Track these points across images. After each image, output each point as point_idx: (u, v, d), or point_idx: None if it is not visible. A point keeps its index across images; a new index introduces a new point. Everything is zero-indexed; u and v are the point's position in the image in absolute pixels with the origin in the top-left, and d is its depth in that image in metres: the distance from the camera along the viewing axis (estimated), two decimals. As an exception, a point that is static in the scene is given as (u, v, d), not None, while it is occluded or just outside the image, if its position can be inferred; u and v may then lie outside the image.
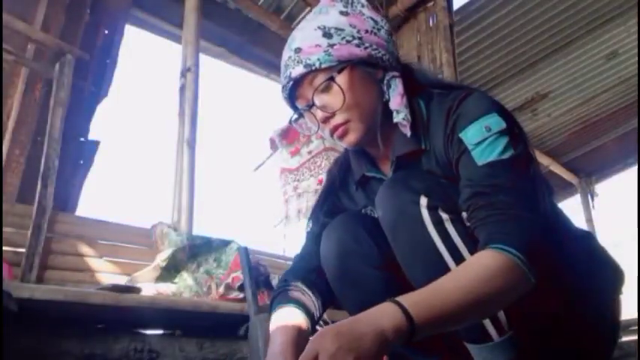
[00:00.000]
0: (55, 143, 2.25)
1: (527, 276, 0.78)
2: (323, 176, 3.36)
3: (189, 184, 2.58)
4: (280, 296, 1.04)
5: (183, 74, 2.82)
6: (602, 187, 7.00)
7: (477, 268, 0.78)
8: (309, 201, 3.39)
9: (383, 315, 0.70)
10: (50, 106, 2.33)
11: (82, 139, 2.85)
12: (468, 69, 4.66)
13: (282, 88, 1.01)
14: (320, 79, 0.95)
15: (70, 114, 2.49)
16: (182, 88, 2.80)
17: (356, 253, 1.00)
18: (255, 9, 3.71)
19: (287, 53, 0.99)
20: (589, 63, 4.83)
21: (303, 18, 4.00)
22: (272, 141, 3.79)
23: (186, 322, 1.74)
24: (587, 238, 1.04)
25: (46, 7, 2.73)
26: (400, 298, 0.72)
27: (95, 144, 2.89)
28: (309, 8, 3.92)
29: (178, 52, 2.95)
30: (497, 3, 4.02)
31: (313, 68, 0.95)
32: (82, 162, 2.83)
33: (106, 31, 3.06)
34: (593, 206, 6.85)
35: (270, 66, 4.33)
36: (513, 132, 0.89)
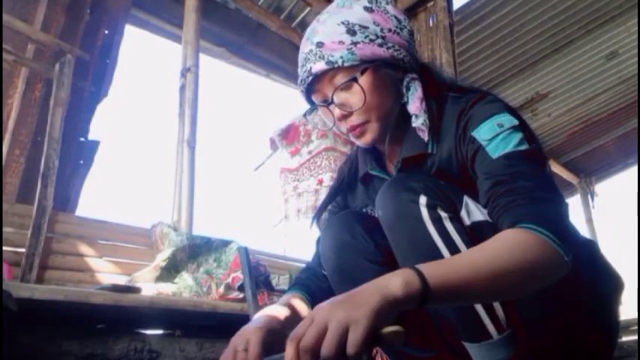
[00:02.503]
0: (55, 143, 2.25)
1: (560, 254, 0.74)
2: (323, 176, 3.36)
3: (189, 184, 2.58)
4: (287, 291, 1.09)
5: (183, 74, 2.82)
6: (602, 187, 7.02)
7: (505, 242, 0.74)
8: (309, 201, 3.40)
9: (393, 276, 0.65)
10: (50, 106, 2.34)
11: (82, 139, 2.86)
12: (468, 69, 4.66)
13: (301, 81, 0.99)
14: (341, 77, 0.95)
15: (70, 114, 2.49)
16: (182, 88, 2.80)
17: (352, 247, 1.01)
18: (255, 9, 3.71)
19: (307, 46, 0.97)
20: (589, 63, 4.83)
21: (303, 18, 4.06)
22: (272, 141, 3.79)
23: (186, 322, 1.74)
24: (590, 246, 1.04)
25: (46, 7, 2.73)
26: (417, 265, 0.68)
27: (95, 144, 2.89)
28: (309, 8, 3.92)
29: (178, 52, 2.96)
30: (497, 3, 4.02)
31: (335, 66, 0.93)
32: (82, 162, 2.83)
33: (106, 31, 3.06)
34: (593, 206, 6.86)
35: (270, 66, 4.34)
36: (526, 130, 0.89)
